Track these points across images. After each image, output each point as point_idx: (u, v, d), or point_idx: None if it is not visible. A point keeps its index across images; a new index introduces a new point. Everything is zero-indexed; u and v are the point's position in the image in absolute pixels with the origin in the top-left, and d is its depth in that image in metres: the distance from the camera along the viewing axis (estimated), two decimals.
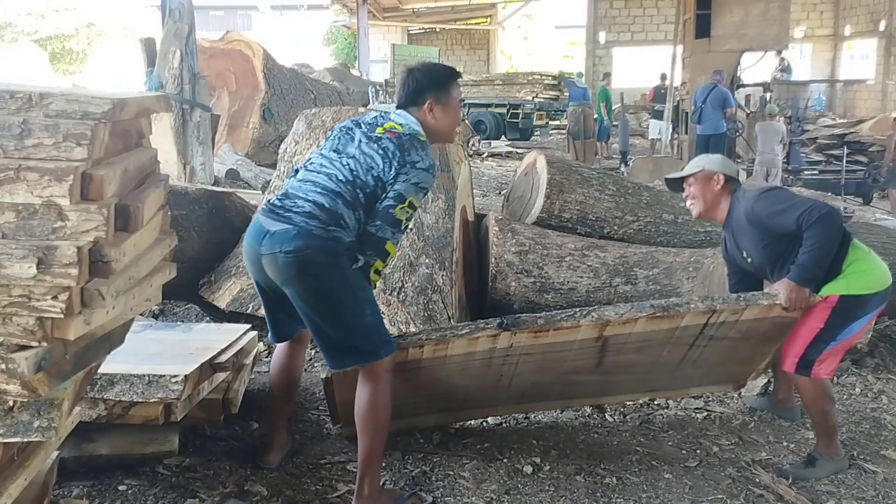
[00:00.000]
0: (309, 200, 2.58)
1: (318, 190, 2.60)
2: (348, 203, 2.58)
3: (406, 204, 2.60)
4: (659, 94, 15.90)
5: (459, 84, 2.94)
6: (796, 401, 3.48)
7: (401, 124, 2.74)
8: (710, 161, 3.33)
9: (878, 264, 3.06)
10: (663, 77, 16.13)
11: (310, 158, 2.78)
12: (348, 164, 2.65)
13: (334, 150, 2.73)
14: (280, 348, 2.98)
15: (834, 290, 2.97)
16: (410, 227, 2.70)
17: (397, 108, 2.83)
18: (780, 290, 2.97)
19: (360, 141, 2.71)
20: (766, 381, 3.89)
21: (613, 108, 15.73)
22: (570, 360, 3.09)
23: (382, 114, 2.83)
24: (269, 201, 2.69)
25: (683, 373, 3.35)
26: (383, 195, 2.60)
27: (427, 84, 2.80)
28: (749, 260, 3.20)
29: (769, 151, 9.95)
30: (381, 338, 2.65)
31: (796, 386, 3.23)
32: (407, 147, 2.66)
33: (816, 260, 2.91)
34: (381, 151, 2.65)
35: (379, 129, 2.72)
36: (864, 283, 2.99)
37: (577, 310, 2.94)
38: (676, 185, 3.43)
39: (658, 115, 15.40)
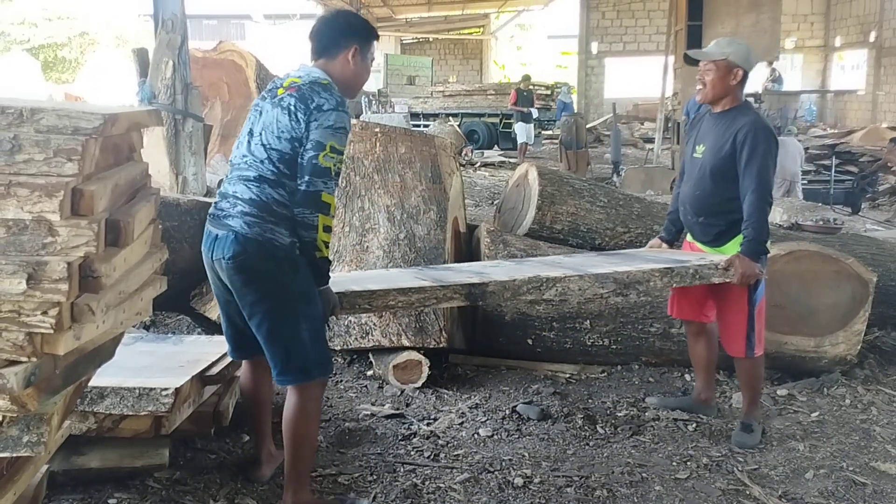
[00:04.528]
0: (239, 199, 2.53)
1: (243, 182, 2.55)
2: (273, 183, 2.52)
3: (327, 150, 2.49)
4: (522, 96, 15.42)
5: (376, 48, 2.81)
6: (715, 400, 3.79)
7: (299, 76, 2.62)
8: (736, 51, 3.30)
9: None
10: (525, 78, 16.18)
11: (233, 151, 2.70)
12: (259, 141, 2.56)
13: (248, 133, 2.63)
14: (245, 368, 2.93)
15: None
16: (341, 178, 2.61)
17: (312, 59, 2.70)
18: (735, 265, 3.18)
19: (268, 111, 2.60)
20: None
21: (606, 118, 15.77)
22: None
23: (278, 77, 2.73)
24: (212, 207, 2.66)
25: None
26: (303, 150, 2.51)
27: (356, 29, 2.69)
28: (699, 156, 3.39)
29: (793, 166, 9.94)
30: (316, 357, 2.60)
31: (739, 367, 3.52)
32: (307, 94, 2.53)
33: (761, 231, 3.19)
34: (285, 111, 2.53)
35: (280, 91, 2.60)
36: None
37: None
38: (694, 61, 3.43)
39: (524, 118, 15.27)
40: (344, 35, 2.68)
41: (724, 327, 3.47)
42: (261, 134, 2.57)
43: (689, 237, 3.62)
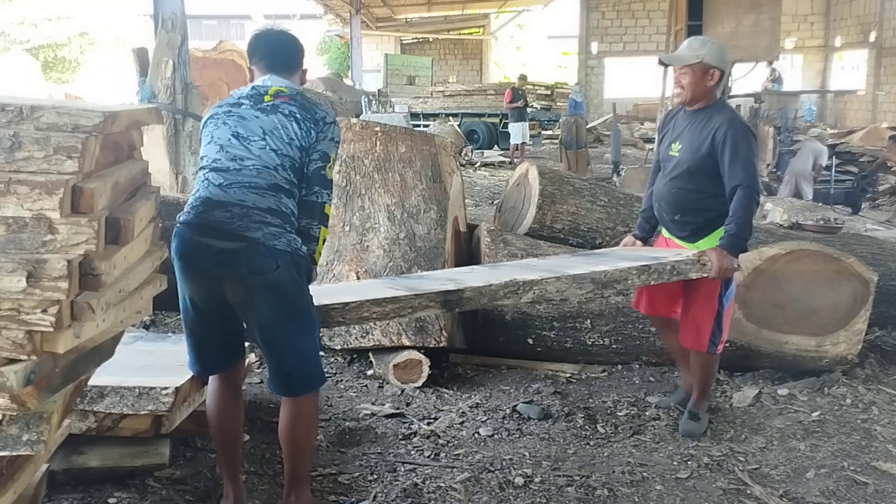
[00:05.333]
0: (252, 208, 2.39)
1: (254, 191, 2.41)
2: (287, 192, 2.45)
3: (331, 162, 2.52)
4: (518, 94, 15.26)
5: None
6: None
7: (284, 86, 2.57)
8: (710, 52, 3.28)
9: None
10: (521, 77, 16.16)
11: (207, 157, 2.52)
12: (267, 146, 2.45)
13: (234, 137, 2.48)
14: (214, 390, 2.67)
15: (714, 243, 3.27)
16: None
17: (267, 73, 2.62)
18: (712, 258, 3.16)
19: (257, 116, 2.49)
20: (756, 391, 3.91)
21: (606, 118, 15.72)
22: None
23: (255, 86, 2.60)
24: (196, 216, 2.44)
25: None
26: (307, 160, 2.48)
27: (301, 51, 2.71)
28: (675, 154, 3.37)
29: (802, 165, 9.91)
30: (320, 366, 2.60)
31: (696, 360, 3.50)
32: (308, 105, 2.53)
33: (745, 228, 3.17)
34: (291, 118, 2.48)
35: (267, 97, 2.53)
36: None
37: None
38: (667, 64, 3.47)
39: (518, 117, 15.06)
40: (300, 55, 2.72)
41: (688, 321, 3.44)
42: (265, 139, 2.46)
43: (664, 232, 3.59)
